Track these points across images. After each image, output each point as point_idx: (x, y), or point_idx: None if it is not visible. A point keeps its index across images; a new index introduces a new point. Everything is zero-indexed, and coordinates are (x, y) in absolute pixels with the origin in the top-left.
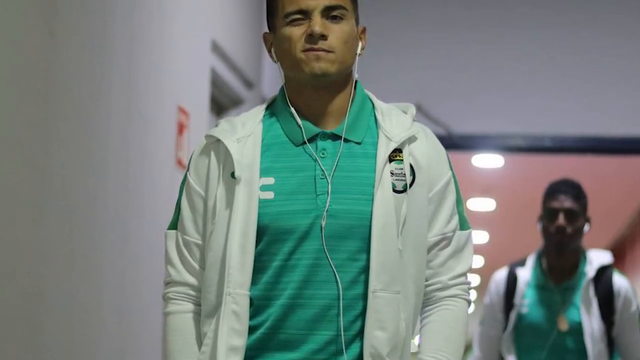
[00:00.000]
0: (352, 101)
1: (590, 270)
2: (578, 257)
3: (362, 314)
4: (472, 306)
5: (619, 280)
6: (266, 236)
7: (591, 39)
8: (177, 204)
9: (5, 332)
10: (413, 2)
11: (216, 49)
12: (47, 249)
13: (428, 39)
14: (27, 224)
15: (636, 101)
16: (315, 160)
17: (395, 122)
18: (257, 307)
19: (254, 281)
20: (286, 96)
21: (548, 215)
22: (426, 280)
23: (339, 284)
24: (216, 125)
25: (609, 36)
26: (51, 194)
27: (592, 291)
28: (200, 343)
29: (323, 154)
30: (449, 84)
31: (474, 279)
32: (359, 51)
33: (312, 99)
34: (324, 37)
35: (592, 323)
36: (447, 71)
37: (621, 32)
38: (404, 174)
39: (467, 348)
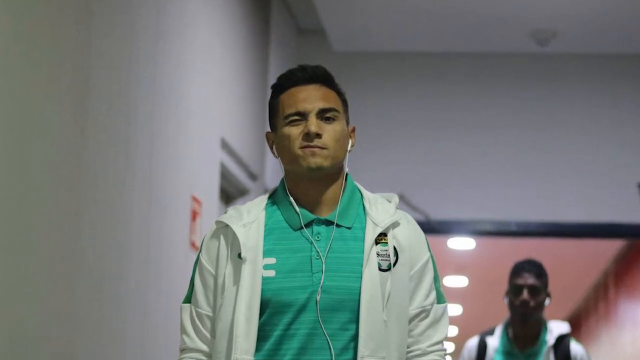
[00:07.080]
0: (343, 191)
1: (551, 338)
2: (540, 327)
3: None
4: None
5: (575, 348)
6: (269, 309)
7: (549, 138)
8: (190, 280)
9: None
10: (396, 107)
11: (225, 146)
12: (78, 317)
13: (409, 138)
14: (62, 295)
15: (587, 192)
16: (311, 243)
17: (380, 209)
18: None
19: (258, 348)
20: (286, 187)
21: (514, 290)
22: (408, 347)
23: (332, 350)
24: (225, 213)
25: (564, 136)
26: (82, 270)
27: (552, 357)
28: None
29: (318, 237)
30: (427, 177)
31: (449, 346)
32: (349, 148)
33: (308, 189)
34: (318, 135)
35: None
36: (425, 166)
37: (574, 132)
38: (389, 255)
39: None
